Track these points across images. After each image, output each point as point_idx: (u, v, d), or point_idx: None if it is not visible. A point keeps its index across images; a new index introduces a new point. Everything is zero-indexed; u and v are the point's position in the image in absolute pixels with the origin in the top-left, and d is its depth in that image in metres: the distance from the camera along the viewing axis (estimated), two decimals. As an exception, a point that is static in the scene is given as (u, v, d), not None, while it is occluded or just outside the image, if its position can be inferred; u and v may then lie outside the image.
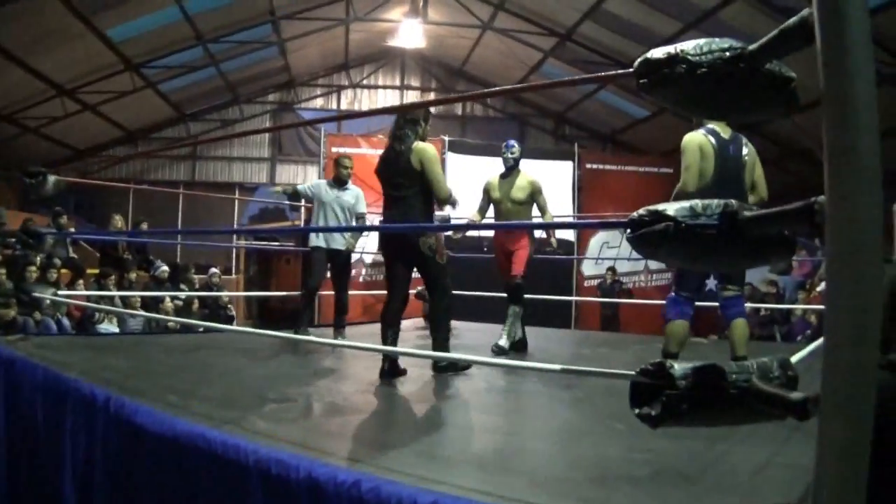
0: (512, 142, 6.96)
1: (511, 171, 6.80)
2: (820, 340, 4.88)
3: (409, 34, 16.89)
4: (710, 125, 4.71)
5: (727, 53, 1.85)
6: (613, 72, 2.63)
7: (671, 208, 2.05)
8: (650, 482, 2.62)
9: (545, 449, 3.21)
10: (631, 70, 2.08)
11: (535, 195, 6.71)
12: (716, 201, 2.04)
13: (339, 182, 7.62)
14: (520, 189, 6.68)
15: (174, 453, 3.05)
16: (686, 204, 2.04)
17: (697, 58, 1.87)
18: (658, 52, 1.94)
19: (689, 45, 1.91)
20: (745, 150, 4.68)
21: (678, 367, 2.04)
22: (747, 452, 2.99)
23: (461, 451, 3.14)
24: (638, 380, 2.13)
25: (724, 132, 4.67)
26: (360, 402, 4.29)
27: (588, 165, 15.27)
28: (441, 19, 16.59)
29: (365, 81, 19.95)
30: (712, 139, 4.60)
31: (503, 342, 6.41)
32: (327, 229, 7.45)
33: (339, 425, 3.57)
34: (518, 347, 6.63)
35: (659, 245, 2.04)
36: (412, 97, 20.09)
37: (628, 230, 2.17)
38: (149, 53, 14.61)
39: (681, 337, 4.73)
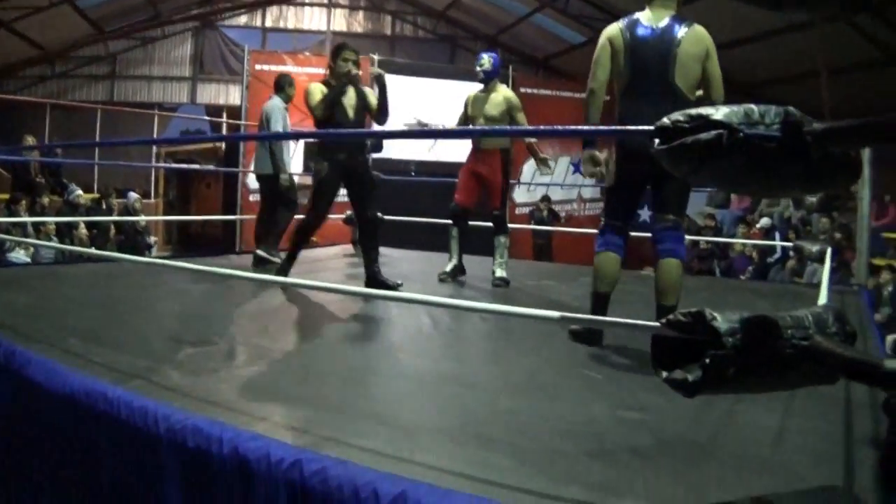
0: (483, 54, 6.39)
1: (487, 85, 6.25)
2: (824, 279, 4.51)
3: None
4: (638, 13, 3.84)
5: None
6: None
7: (718, 112, 1.57)
8: (658, 455, 2.17)
9: (519, 408, 2.64)
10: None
11: (511, 111, 6.16)
12: (774, 108, 1.58)
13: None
14: (495, 105, 6.13)
15: (71, 415, 2.50)
16: (739, 108, 1.57)
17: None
18: None
19: None
20: (677, 41, 3.68)
21: (722, 319, 1.59)
22: (753, 414, 2.57)
23: (423, 414, 2.59)
24: (667, 333, 1.67)
25: (655, 20, 3.77)
26: (294, 346, 3.76)
27: (522, 90, 14.78)
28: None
29: (291, -2, 18.90)
30: (626, 31, 3.80)
31: (501, 273, 6.19)
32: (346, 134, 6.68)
33: (270, 378, 2.99)
34: (456, 274, 6.38)
35: (705, 158, 1.57)
36: (339, 15, 19.07)
37: (657, 140, 1.69)
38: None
39: (610, 272, 3.81)
